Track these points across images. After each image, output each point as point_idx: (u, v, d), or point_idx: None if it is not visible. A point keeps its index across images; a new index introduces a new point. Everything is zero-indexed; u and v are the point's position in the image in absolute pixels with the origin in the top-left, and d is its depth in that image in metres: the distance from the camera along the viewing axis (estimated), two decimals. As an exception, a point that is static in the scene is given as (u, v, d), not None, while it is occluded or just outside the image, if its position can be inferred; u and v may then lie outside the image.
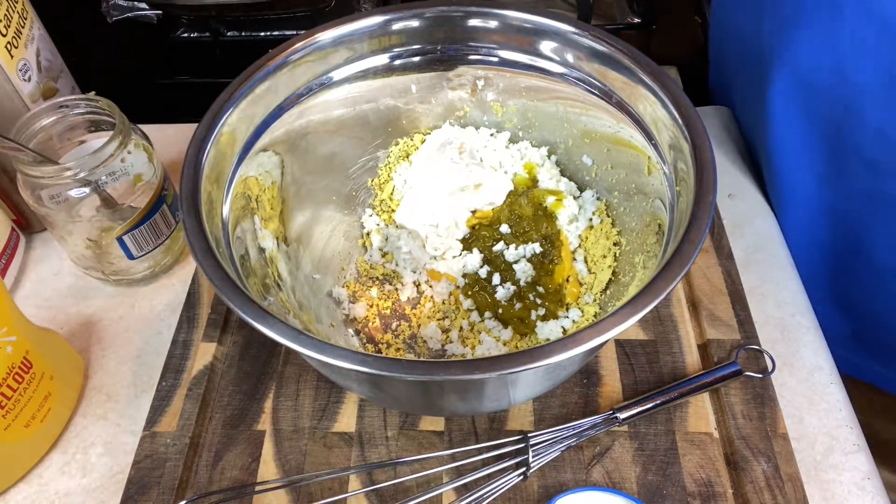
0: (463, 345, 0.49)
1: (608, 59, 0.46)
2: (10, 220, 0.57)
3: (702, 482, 0.43)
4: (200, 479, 0.44)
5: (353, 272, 0.53)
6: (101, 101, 0.50)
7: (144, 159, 0.51)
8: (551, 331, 0.48)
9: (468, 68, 0.52)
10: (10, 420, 0.43)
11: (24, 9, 0.52)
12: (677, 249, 0.36)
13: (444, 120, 0.55)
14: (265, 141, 0.47)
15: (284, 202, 0.49)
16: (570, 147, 0.53)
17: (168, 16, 0.73)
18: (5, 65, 0.50)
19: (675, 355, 0.48)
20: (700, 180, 0.38)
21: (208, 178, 0.41)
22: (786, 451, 0.43)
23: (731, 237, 0.55)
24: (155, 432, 0.45)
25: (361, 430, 0.46)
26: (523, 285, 0.51)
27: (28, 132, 0.49)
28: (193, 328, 0.50)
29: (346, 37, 0.48)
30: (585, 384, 0.47)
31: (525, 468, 0.42)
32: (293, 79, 0.47)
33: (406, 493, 0.43)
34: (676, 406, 0.46)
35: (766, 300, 0.52)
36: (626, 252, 0.48)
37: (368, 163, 0.55)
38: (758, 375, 0.46)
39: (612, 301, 0.48)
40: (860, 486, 0.43)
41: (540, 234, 0.52)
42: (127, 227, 0.51)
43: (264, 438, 0.45)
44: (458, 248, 0.53)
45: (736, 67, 0.64)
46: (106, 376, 0.51)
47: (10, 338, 0.42)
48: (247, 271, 0.41)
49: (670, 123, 0.42)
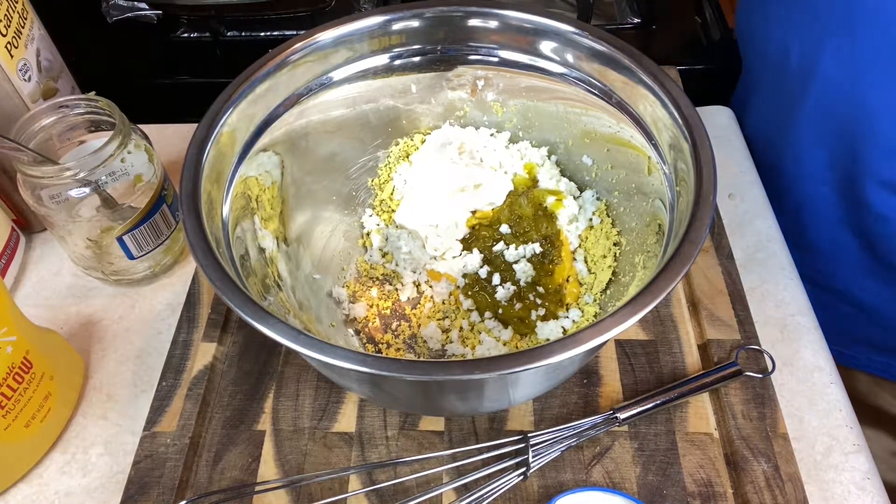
0: (463, 345, 0.49)
1: (608, 59, 0.46)
2: (10, 220, 0.57)
3: (702, 482, 0.43)
4: (200, 479, 0.44)
5: (353, 272, 0.53)
6: (101, 101, 0.50)
7: (144, 159, 0.51)
8: (551, 331, 0.48)
9: (468, 68, 0.52)
10: (10, 420, 0.43)
11: (24, 9, 0.52)
12: (677, 249, 0.36)
13: (444, 120, 0.55)
14: (265, 141, 0.47)
15: (284, 202, 0.49)
16: (570, 147, 0.53)
17: (168, 16, 0.72)
18: (5, 65, 0.50)
19: (675, 355, 0.48)
20: (700, 180, 0.38)
21: (208, 178, 0.41)
22: (786, 451, 0.43)
23: (731, 237, 0.55)
24: (155, 432, 0.45)
25: (361, 430, 0.46)
26: (523, 285, 0.51)
27: (28, 132, 0.49)
28: (193, 328, 0.50)
29: (346, 37, 0.48)
30: (585, 384, 0.47)
31: (525, 468, 0.42)
32: (293, 79, 0.47)
33: (406, 493, 0.43)
34: (676, 406, 0.46)
35: (766, 300, 0.52)
36: (627, 252, 0.48)
37: (368, 163, 0.55)
38: (758, 375, 0.46)
39: (613, 301, 0.48)
40: (860, 487, 0.43)
41: (540, 234, 0.52)
42: (127, 227, 0.51)
43: (264, 438, 0.45)
44: (458, 248, 0.53)
45: (760, 78, 0.65)
46: (106, 376, 0.51)
47: (10, 338, 0.42)
48: (247, 271, 0.41)
49: (670, 123, 0.42)
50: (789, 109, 0.59)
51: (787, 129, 0.60)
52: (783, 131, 0.61)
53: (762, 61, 0.64)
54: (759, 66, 0.65)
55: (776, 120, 0.62)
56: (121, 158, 0.49)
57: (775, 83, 0.62)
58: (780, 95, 0.61)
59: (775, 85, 0.62)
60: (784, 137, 0.61)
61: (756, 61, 0.66)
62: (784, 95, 0.60)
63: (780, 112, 0.61)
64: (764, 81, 0.65)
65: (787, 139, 0.61)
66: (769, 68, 0.63)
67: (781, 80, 0.60)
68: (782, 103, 0.60)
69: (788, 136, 0.60)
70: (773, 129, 0.63)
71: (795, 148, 0.60)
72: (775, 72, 0.61)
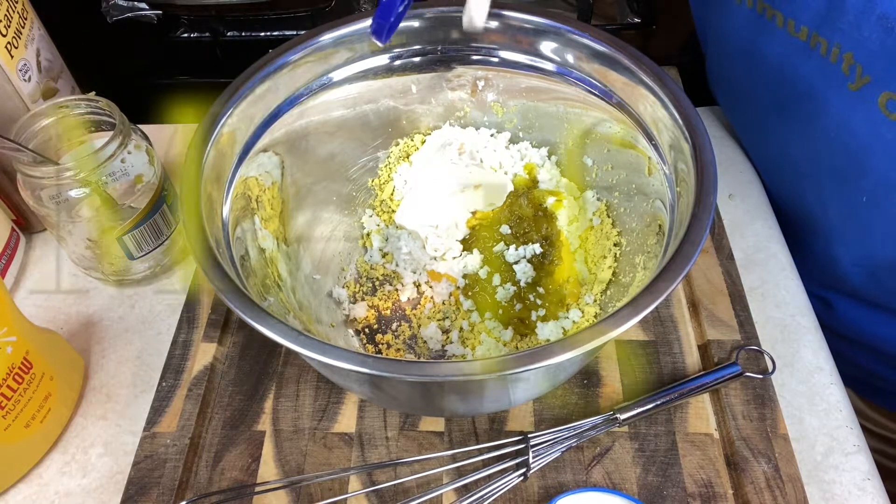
0: (463, 345, 0.49)
1: (608, 59, 0.46)
2: (10, 220, 0.57)
3: (702, 483, 0.43)
4: (200, 480, 0.44)
5: (353, 273, 0.53)
6: (101, 101, 0.50)
7: (144, 159, 0.51)
8: (552, 331, 0.48)
9: (468, 69, 0.52)
10: (10, 420, 0.43)
11: (24, 9, 0.52)
12: (678, 250, 0.36)
13: (445, 120, 0.55)
14: (265, 141, 0.47)
15: (284, 202, 0.49)
16: (570, 147, 0.53)
17: (168, 16, 0.72)
18: (5, 65, 0.50)
19: (676, 356, 0.48)
20: (700, 181, 0.38)
21: (208, 178, 0.41)
22: (786, 451, 0.43)
23: (731, 237, 0.55)
24: (155, 433, 0.45)
25: (361, 431, 0.46)
26: (523, 286, 0.51)
27: (28, 132, 0.48)
28: (193, 328, 0.50)
29: (346, 37, 0.48)
30: (586, 385, 0.47)
31: (525, 469, 0.42)
32: (293, 79, 0.47)
33: (406, 493, 0.43)
34: (677, 407, 0.46)
35: (767, 300, 0.52)
36: (627, 253, 0.48)
37: (368, 163, 0.55)
38: (758, 376, 0.46)
39: (613, 301, 0.48)
40: (860, 487, 0.43)
41: (540, 234, 0.52)
42: (127, 228, 0.51)
43: (264, 439, 0.45)
44: (459, 248, 0.53)
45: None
46: (106, 376, 0.51)
47: (10, 338, 0.42)
48: (247, 271, 0.41)
49: (671, 124, 0.42)
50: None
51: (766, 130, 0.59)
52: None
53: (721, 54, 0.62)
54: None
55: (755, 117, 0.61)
56: (121, 159, 0.49)
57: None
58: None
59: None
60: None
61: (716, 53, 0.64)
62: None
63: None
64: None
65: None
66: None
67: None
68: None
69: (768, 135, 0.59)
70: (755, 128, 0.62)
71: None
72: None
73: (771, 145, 0.58)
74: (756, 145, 0.61)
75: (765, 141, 0.59)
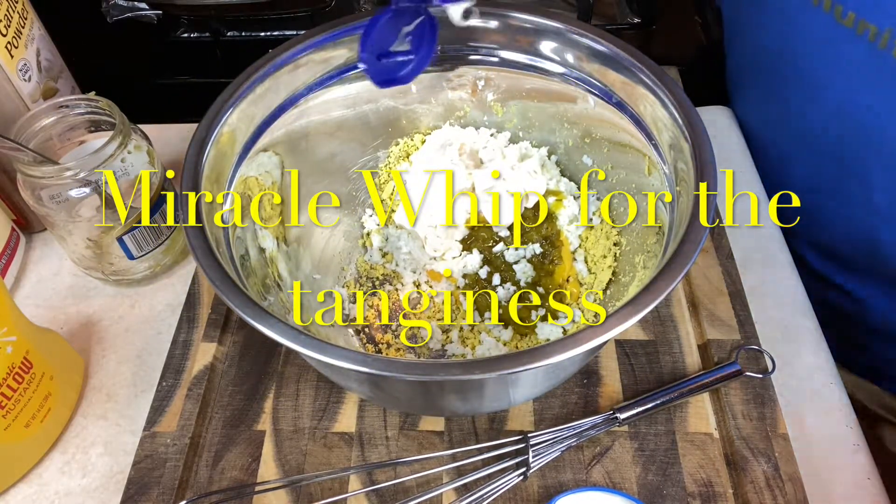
0: (463, 345, 0.49)
1: (608, 59, 0.46)
2: (10, 220, 0.57)
3: (702, 482, 0.43)
4: (200, 480, 0.44)
5: (353, 272, 0.53)
6: (101, 101, 0.50)
7: (145, 159, 0.51)
8: (551, 331, 0.48)
9: (468, 68, 0.52)
10: (10, 420, 0.43)
11: (24, 9, 0.52)
12: (678, 249, 0.36)
13: (445, 120, 0.55)
14: (265, 141, 0.47)
15: (284, 202, 0.49)
16: (570, 147, 0.53)
17: (168, 16, 0.72)
18: (5, 65, 0.50)
19: (675, 355, 0.48)
20: (700, 180, 0.38)
21: (208, 178, 0.41)
22: (786, 451, 0.43)
23: (731, 237, 0.55)
24: (155, 432, 0.45)
25: (361, 431, 0.46)
26: (523, 286, 0.51)
27: (28, 132, 0.49)
28: (193, 328, 0.50)
29: (346, 37, 0.48)
30: (585, 384, 0.47)
31: (525, 468, 0.42)
32: (293, 79, 0.47)
33: (406, 493, 0.43)
34: (676, 406, 0.46)
35: (766, 300, 0.52)
36: (627, 252, 0.48)
37: (368, 163, 0.55)
38: (758, 376, 0.46)
39: (613, 301, 0.48)
40: (860, 486, 0.43)
41: (540, 234, 0.52)
42: (127, 228, 0.51)
43: (264, 438, 0.45)
44: (458, 248, 0.53)
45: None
46: (106, 376, 0.51)
47: (10, 338, 0.42)
48: (247, 271, 0.41)
49: (670, 123, 0.42)
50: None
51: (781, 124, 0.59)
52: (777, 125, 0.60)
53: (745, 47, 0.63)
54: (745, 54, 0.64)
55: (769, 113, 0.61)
56: (121, 158, 0.49)
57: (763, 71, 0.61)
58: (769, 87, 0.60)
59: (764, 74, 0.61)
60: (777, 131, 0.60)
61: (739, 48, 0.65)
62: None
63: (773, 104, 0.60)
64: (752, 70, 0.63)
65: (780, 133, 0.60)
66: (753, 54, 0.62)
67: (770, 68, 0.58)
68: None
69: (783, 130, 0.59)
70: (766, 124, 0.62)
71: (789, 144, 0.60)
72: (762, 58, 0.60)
73: (806, 136, 0.57)
74: (782, 140, 0.61)
75: (798, 133, 0.59)
